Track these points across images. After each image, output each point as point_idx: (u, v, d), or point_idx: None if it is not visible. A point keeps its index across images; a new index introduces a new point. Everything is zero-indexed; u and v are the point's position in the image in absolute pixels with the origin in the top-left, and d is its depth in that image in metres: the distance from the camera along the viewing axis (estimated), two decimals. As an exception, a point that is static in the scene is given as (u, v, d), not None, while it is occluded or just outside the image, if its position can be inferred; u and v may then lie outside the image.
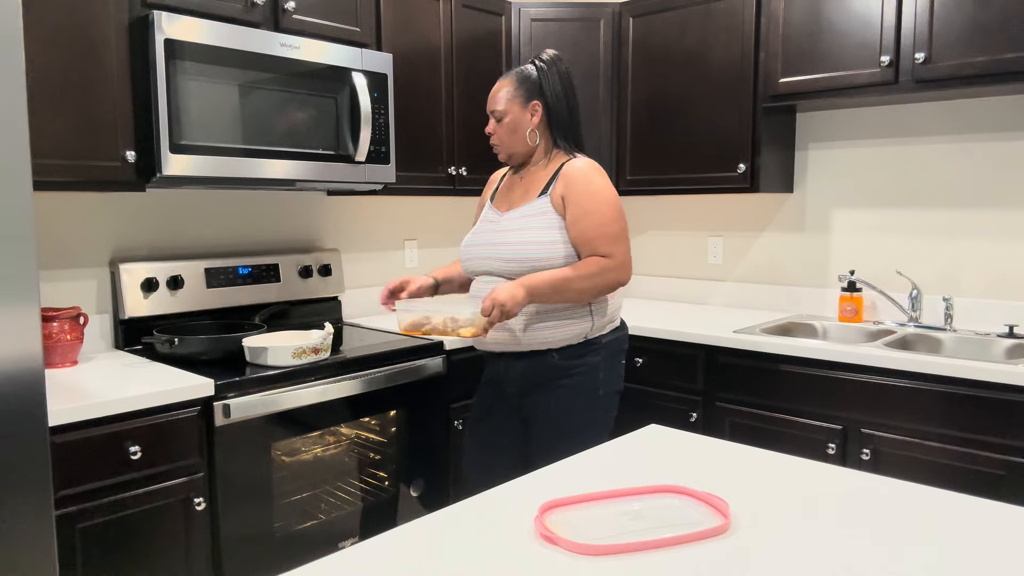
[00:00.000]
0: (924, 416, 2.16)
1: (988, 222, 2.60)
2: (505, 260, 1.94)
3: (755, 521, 1.06)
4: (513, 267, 1.92)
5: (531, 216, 1.94)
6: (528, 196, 1.98)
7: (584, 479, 1.23)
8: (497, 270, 1.96)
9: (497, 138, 2.01)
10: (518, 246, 1.92)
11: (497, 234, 1.98)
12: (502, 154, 2.03)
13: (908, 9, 2.36)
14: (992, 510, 1.09)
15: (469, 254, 2.03)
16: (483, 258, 1.99)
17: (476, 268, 2.02)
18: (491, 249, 1.97)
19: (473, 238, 2.04)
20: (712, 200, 3.30)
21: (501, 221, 1.99)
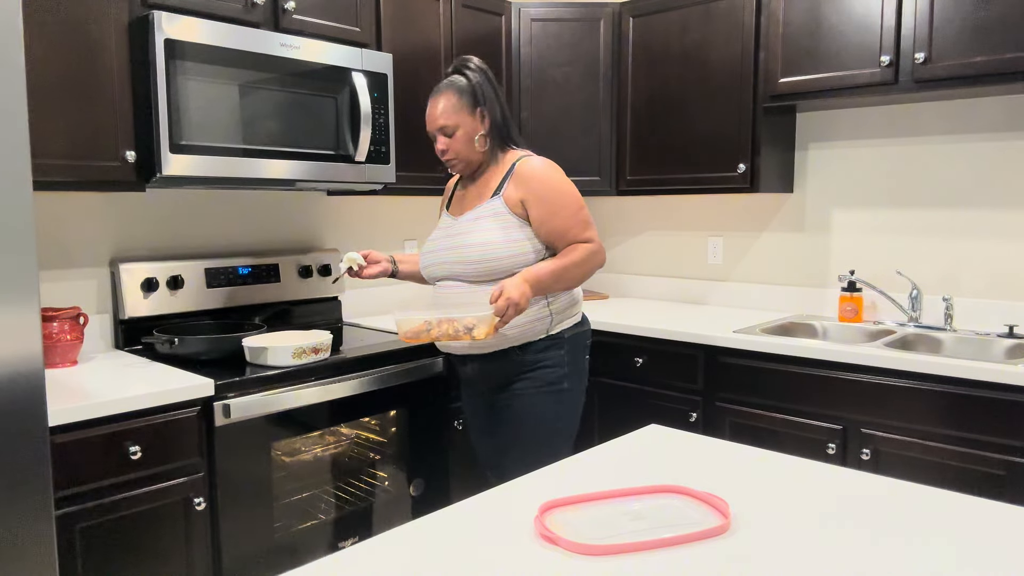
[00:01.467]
0: (924, 416, 2.16)
1: (988, 222, 2.59)
2: (469, 262, 1.94)
3: (755, 521, 1.06)
4: (478, 268, 1.93)
5: (485, 218, 1.95)
6: (482, 199, 2.00)
7: (584, 479, 1.23)
8: (460, 274, 1.97)
9: (453, 152, 1.99)
10: (483, 248, 1.92)
11: (455, 238, 1.98)
12: (460, 167, 2.03)
13: (908, 9, 2.36)
14: (992, 510, 1.09)
15: (429, 260, 2.03)
16: (445, 263, 1.99)
17: (437, 273, 2.02)
18: (452, 253, 1.97)
19: (432, 244, 2.05)
20: (712, 200, 3.30)
21: (456, 225, 2.00)
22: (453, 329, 1.82)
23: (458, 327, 1.82)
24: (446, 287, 2.01)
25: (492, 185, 1.99)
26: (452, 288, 1.99)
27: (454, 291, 1.99)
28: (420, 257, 2.08)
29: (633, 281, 3.59)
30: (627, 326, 2.82)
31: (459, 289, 1.98)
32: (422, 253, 2.08)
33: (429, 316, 1.85)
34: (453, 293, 1.99)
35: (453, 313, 1.84)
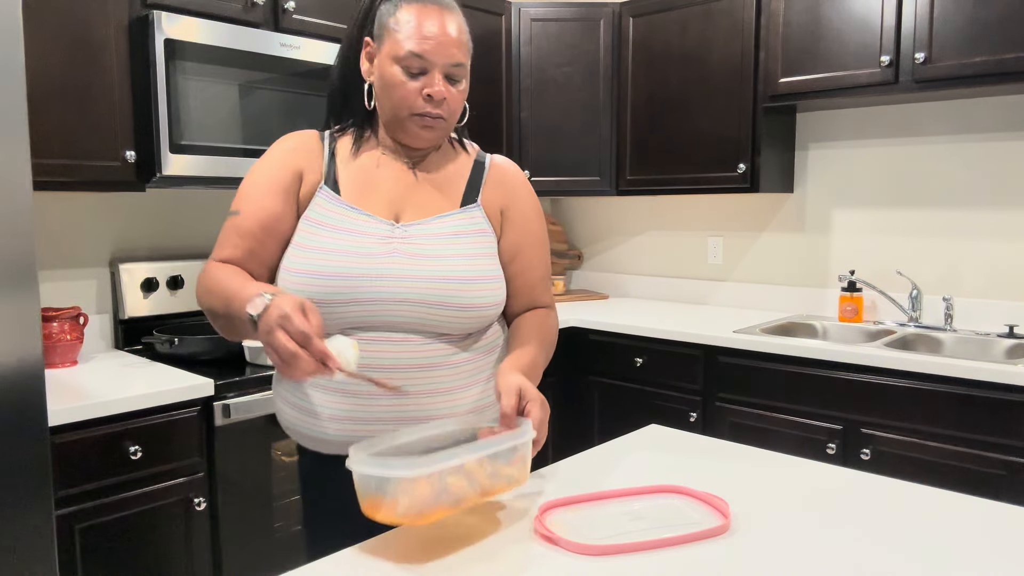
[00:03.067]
0: (924, 416, 2.16)
1: (988, 222, 2.59)
2: (457, 308, 1.23)
3: (755, 521, 1.06)
4: (465, 322, 1.25)
5: (468, 236, 1.28)
6: (446, 201, 1.31)
7: (584, 479, 1.23)
8: (428, 324, 1.22)
9: (448, 110, 1.26)
10: (479, 287, 1.25)
11: (420, 261, 1.22)
12: (436, 135, 1.28)
13: (908, 9, 2.36)
14: (992, 510, 1.09)
15: (361, 292, 1.20)
16: (401, 303, 1.20)
17: (380, 317, 1.21)
18: (421, 287, 1.21)
19: (361, 264, 1.21)
20: (712, 200, 3.30)
21: (413, 238, 1.25)
22: (483, 485, 1.01)
23: (486, 481, 1.01)
24: (399, 344, 1.22)
25: (457, 183, 1.33)
26: (414, 349, 1.23)
27: (422, 353, 1.23)
28: (327, 282, 1.20)
29: (633, 281, 3.59)
30: (627, 326, 2.82)
31: (426, 351, 1.23)
32: (331, 275, 1.20)
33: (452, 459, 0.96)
34: (423, 363, 1.24)
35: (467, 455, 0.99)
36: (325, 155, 1.31)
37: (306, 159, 1.30)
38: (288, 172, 1.29)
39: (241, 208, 1.27)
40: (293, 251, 1.26)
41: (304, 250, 1.24)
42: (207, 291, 1.22)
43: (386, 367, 1.21)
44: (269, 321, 1.01)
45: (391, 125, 1.29)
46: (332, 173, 1.30)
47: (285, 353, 0.98)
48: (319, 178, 1.30)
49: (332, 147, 1.32)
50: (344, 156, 1.32)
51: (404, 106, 1.24)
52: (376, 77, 1.27)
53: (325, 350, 0.99)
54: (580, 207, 3.79)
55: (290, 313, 0.99)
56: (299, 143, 1.32)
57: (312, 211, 1.27)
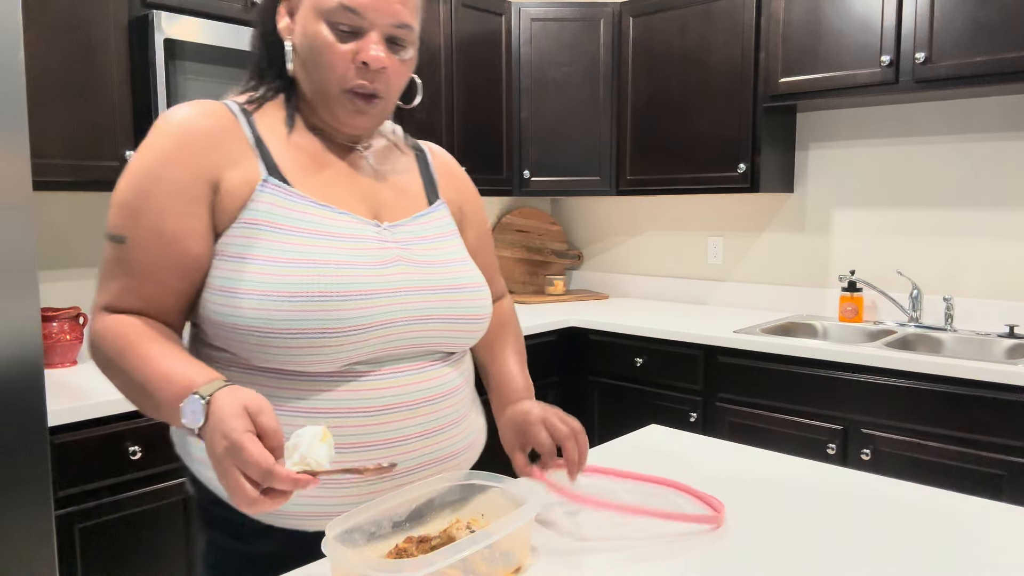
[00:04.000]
0: (924, 416, 2.16)
1: (988, 222, 2.59)
2: (474, 321, 1.07)
3: (755, 521, 1.06)
4: (476, 335, 1.10)
5: (449, 236, 1.11)
6: (413, 197, 1.11)
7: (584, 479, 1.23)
8: (446, 343, 1.05)
9: (386, 85, 1.00)
10: (483, 293, 1.10)
11: (427, 269, 1.03)
12: (369, 122, 1.02)
13: (908, 9, 2.36)
14: (992, 510, 1.09)
15: (374, 313, 0.95)
16: (421, 321, 1.00)
17: (392, 344, 0.98)
18: (439, 300, 1.02)
19: (369, 277, 0.96)
20: (712, 200, 3.30)
21: (407, 242, 1.04)
22: (480, 568, 0.87)
23: (483, 567, 0.87)
24: (419, 374, 1.01)
25: (412, 175, 1.13)
26: (434, 376, 1.03)
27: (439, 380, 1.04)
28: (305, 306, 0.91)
29: (633, 281, 3.59)
30: (627, 326, 2.82)
31: (442, 377, 1.04)
32: (319, 296, 0.91)
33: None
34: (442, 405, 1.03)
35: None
36: (248, 136, 0.98)
37: (221, 148, 0.95)
38: (200, 179, 0.94)
39: (129, 232, 0.92)
40: (245, 266, 0.92)
41: (271, 263, 0.91)
42: (107, 361, 0.92)
43: (408, 404, 0.98)
44: (216, 453, 0.78)
45: (317, 103, 1.00)
46: (269, 160, 0.97)
47: (248, 499, 0.76)
48: (253, 168, 0.96)
49: (253, 126, 0.99)
50: (273, 137, 0.99)
51: (331, 77, 0.96)
52: (298, 36, 0.98)
53: (294, 477, 0.76)
54: (580, 207, 3.79)
55: (241, 442, 0.75)
56: (203, 126, 0.95)
57: (255, 211, 0.94)
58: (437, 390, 1.02)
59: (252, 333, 0.91)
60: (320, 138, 1.04)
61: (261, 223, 0.94)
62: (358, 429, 0.95)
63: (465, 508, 0.98)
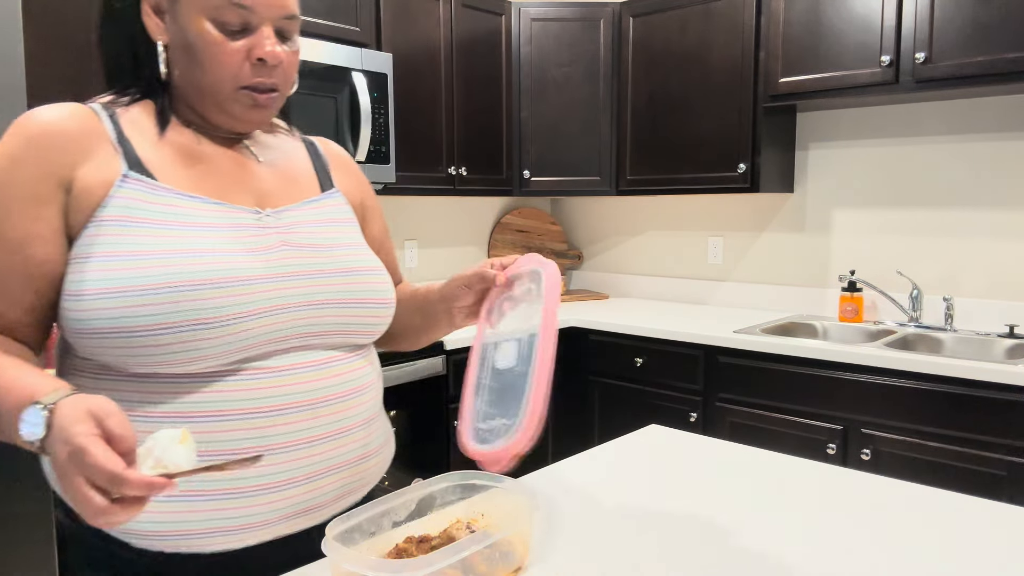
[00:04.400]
0: (924, 416, 2.16)
1: (988, 222, 2.59)
2: (377, 305, 1.02)
3: (755, 521, 1.06)
4: (382, 323, 1.05)
5: (344, 223, 1.06)
6: (303, 185, 1.06)
7: (584, 479, 1.23)
8: (350, 330, 0.99)
9: (283, 78, 0.97)
10: (383, 276, 1.05)
11: (316, 252, 0.98)
12: (268, 115, 0.99)
13: (908, 9, 2.36)
14: (992, 510, 1.09)
15: (256, 300, 0.89)
16: (314, 307, 0.94)
17: (284, 332, 0.92)
18: (332, 283, 0.97)
19: (248, 262, 0.90)
20: (712, 200, 3.30)
21: (292, 226, 0.98)
22: (480, 568, 0.86)
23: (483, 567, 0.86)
24: (323, 368, 0.95)
25: (303, 165, 1.09)
26: (342, 371, 0.97)
27: (349, 375, 0.98)
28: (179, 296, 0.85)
29: (633, 281, 3.59)
30: (627, 326, 2.82)
31: (352, 371, 0.99)
32: (192, 284, 0.85)
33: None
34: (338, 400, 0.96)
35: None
36: (111, 133, 0.91)
37: (76, 147, 0.89)
38: (48, 182, 0.87)
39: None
40: (88, 265, 0.85)
41: (137, 257, 0.85)
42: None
43: (309, 403, 0.92)
44: (59, 462, 0.71)
45: (203, 103, 0.94)
46: (133, 156, 0.91)
47: (96, 509, 0.69)
48: (113, 165, 0.89)
49: (117, 124, 0.93)
50: (140, 134, 0.93)
51: (223, 76, 0.91)
52: (174, 36, 0.91)
53: (147, 480, 0.69)
54: (580, 207, 3.79)
55: (84, 446, 0.69)
56: (57, 126, 0.89)
57: (111, 208, 0.87)
58: (343, 387, 0.96)
59: (112, 335, 0.83)
60: (198, 133, 0.97)
61: (115, 219, 0.87)
62: (251, 432, 0.87)
63: (465, 508, 0.98)
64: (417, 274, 3.30)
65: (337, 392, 0.95)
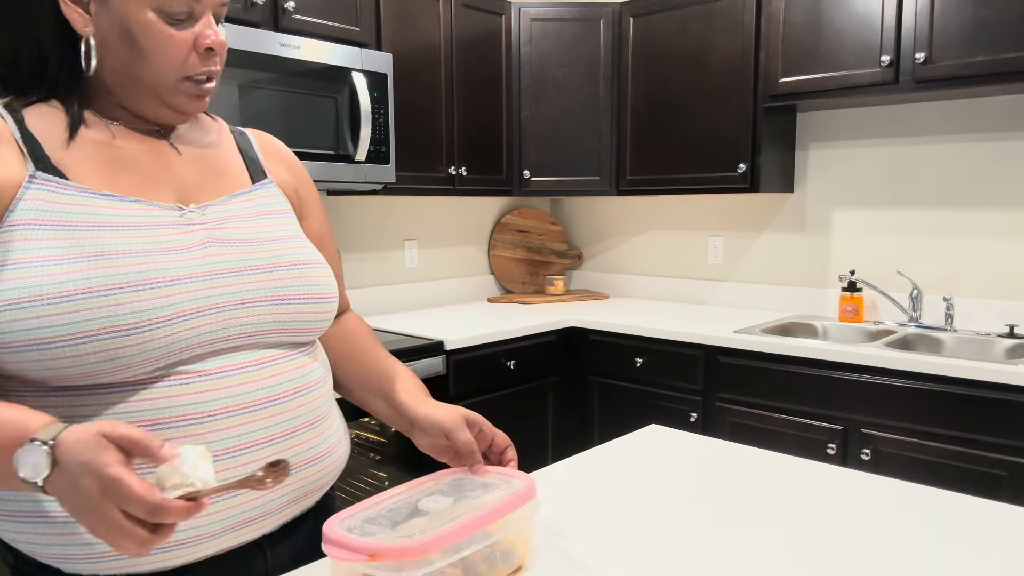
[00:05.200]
0: (924, 416, 2.16)
1: (988, 222, 2.59)
2: (317, 300, 0.98)
3: (755, 521, 1.06)
4: (324, 318, 1.00)
5: (278, 215, 1.02)
6: (231, 178, 1.01)
7: (584, 479, 1.23)
8: (288, 328, 0.95)
9: (221, 63, 0.95)
10: (322, 270, 1.01)
11: (246, 248, 0.94)
12: (206, 103, 0.96)
13: (908, 9, 2.36)
14: (992, 510, 1.09)
15: (181, 301, 0.85)
16: (247, 305, 0.91)
17: (217, 334, 0.88)
18: (265, 280, 0.93)
19: (171, 262, 0.87)
20: (712, 200, 3.30)
21: (219, 222, 0.94)
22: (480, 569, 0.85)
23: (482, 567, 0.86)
24: (263, 368, 0.92)
25: (230, 155, 1.04)
26: (285, 369, 0.94)
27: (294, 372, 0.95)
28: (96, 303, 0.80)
29: (633, 281, 3.59)
30: (627, 326, 2.82)
31: (297, 369, 0.96)
32: (108, 289, 0.81)
33: None
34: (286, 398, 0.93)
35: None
36: (14, 133, 0.86)
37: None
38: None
39: None
40: (17, 271, 0.80)
41: (48, 263, 0.80)
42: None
43: (249, 405, 0.88)
44: (87, 497, 0.67)
45: (138, 96, 0.90)
46: (41, 155, 0.86)
47: (139, 541, 0.68)
48: (18, 167, 0.84)
49: (21, 122, 0.87)
50: (48, 132, 0.88)
51: (169, 67, 0.88)
52: (108, 29, 0.87)
53: (187, 507, 0.68)
54: (580, 207, 3.79)
55: (119, 478, 0.66)
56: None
57: (20, 211, 0.82)
58: (285, 387, 0.92)
59: (28, 348, 0.78)
60: (114, 128, 0.92)
61: (25, 223, 0.81)
62: (189, 440, 0.83)
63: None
64: (417, 274, 3.30)
65: (277, 392, 0.91)
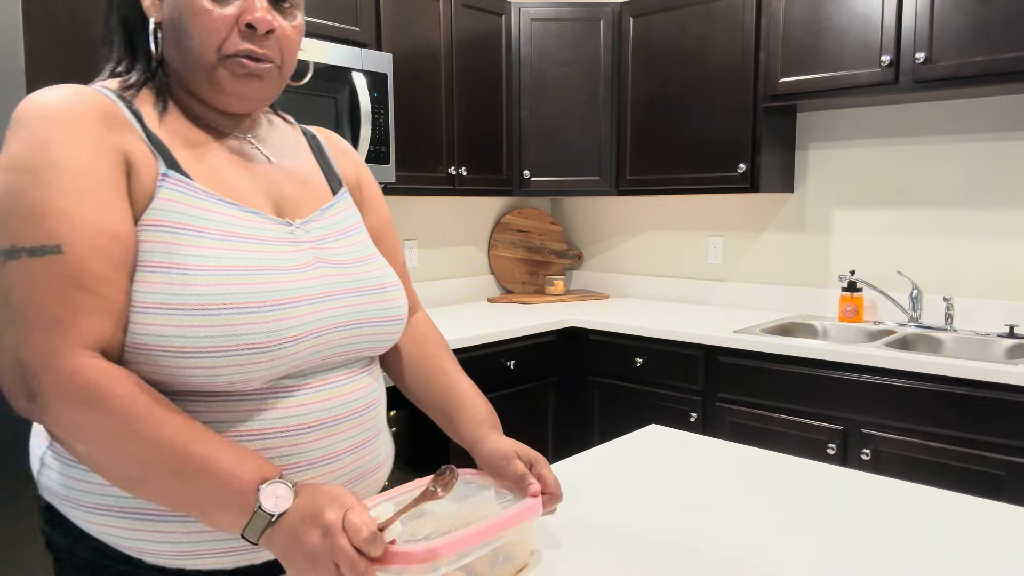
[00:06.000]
0: (924, 416, 2.16)
1: (988, 222, 2.59)
2: (398, 322, 1.01)
3: (755, 521, 1.06)
4: (396, 335, 1.02)
5: (357, 229, 1.03)
6: (315, 187, 1.01)
7: (584, 479, 1.23)
8: (370, 348, 0.98)
9: (280, 50, 0.90)
10: (397, 292, 1.02)
11: (346, 270, 0.96)
12: (265, 88, 0.91)
13: (908, 9, 2.36)
14: (992, 510, 1.09)
15: (296, 324, 0.86)
16: (346, 328, 0.93)
17: (318, 355, 0.90)
18: (363, 303, 0.95)
19: (288, 282, 0.87)
20: (712, 200, 3.30)
21: (320, 241, 0.95)
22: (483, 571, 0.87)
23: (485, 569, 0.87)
24: (343, 385, 0.94)
25: (308, 162, 1.03)
26: (359, 387, 0.96)
27: (363, 390, 0.97)
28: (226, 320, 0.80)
29: (633, 281, 3.59)
30: (627, 326, 2.82)
31: (366, 386, 0.98)
32: (238, 307, 0.81)
33: None
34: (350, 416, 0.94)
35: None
36: (134, 123, 0.85)
37: (122, 131, 0.83)
38: (111, 157, 0.81)
39: (63, 238, 0.76)
40: (154, 275, 0.80)
41: (185, 272, 0.80)
42: (115, 426, 0.74)
43: (336, 418, 0.91)
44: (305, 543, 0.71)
45: (193, 79, 0.89)
46: (166, 151, 0.85)
47: None
48: (149, 159, 0.84)
49: (135, 111, 0.86)
50: (157, 126, 0.87)
51: (209, 44, 0.85)
52: (166, 11, 0.87)
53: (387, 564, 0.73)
54: (580, 207, 3.79)
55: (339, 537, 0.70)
56: (88, 106, 0.81)
57: (159, 211, 0.82)
58: (362, 401, 0.96)
59: (163, 354, 0.79)
60: (203, 128, 0.92)
61: (161, 224, 0.82)
62: (286, 449, 0.87)
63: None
64: (417, 274, 3.30)
65: (358, 406, 0.95)
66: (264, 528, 0.73)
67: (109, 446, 0.75)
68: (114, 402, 0.74)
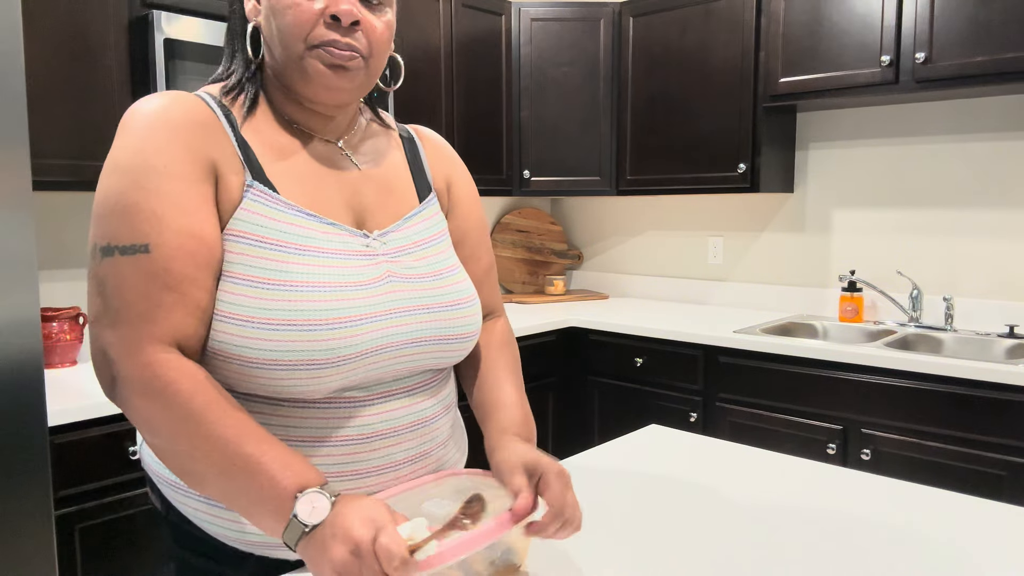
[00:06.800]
0: (924, 416, 2.16)
1: (988, 222, 2.59)
2: (468, 339, 1.01)
3: (754, 521, 1.06)
4: (466, 351, 1.03)
5: (440, 238, 1.03)
6: (401, 194, 1.02)
7: (584, 479, 1.23)
8: (436, 364, 0.99)
9: (367, 44, 0.91)
10: (473, 307, 1.02)
11: (418, 285, 0.96)
12: (352, 81, 0.91)
13: (908, 9, 2.36)
14: (992, 510, 1.09)
15: (363, 341, 0.88)
16: (413, 344, 0.94)
17: (383, 369, 0.92)
18: (433, 320, 0.96)
19: (358, 299, 0.89)
20: (712, 200, 3.30)
21: (396, 253, 0.96)
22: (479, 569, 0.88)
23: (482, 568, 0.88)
24: (406, 398, 0.96)
25: (399, 167, 1.04)
26: (422, 400, 0.98)
27: (427, 403, 0.98)
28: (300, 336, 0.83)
29: (633, 281, 3.59)
30: (627, 326, 2.82)
31: (430, 400, 0.99)
32: (309, 324, 0.84)
33: None
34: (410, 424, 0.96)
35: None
36: (229, 132, 0.89)
37: (214, 140, 0.88)
38: (201, 165, 0.85)
39: (152, 239, 0.81)
40: (235, 286, 0.84)
41: (263, 286, 0.84)
42: (183, 420, 0.78)
43: (397, 429, 0.94)
44: (332, 557, 0.71)
45: (286, 74, 0.91)
46: (254, 161, 0.89)
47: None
48: (238, 168, 0.88)
49: (232, 120, 0.90)
50: (251, 134, 0.91)
51: (296, 35, 0.87)
52: (264, 12, 0.91)
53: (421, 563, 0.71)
54: (580, 207, 3.79)
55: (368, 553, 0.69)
56: (187, 115, 0.87)
57: (241, 221, 0.86)
58: (425, 413, 0.98)
59: (231, 360, 0.84)
60: (295, 134, 0.95)
61: (244, 236, 0.86)
62: (346, 457, 0.90)
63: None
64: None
65: (421, 418, 0.97)
66: (299, 537, 0.74)
67: (167, 438, 0.79)
68: (175, 397, 0.78)
